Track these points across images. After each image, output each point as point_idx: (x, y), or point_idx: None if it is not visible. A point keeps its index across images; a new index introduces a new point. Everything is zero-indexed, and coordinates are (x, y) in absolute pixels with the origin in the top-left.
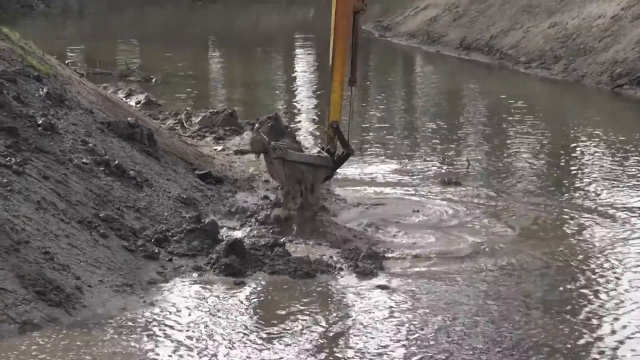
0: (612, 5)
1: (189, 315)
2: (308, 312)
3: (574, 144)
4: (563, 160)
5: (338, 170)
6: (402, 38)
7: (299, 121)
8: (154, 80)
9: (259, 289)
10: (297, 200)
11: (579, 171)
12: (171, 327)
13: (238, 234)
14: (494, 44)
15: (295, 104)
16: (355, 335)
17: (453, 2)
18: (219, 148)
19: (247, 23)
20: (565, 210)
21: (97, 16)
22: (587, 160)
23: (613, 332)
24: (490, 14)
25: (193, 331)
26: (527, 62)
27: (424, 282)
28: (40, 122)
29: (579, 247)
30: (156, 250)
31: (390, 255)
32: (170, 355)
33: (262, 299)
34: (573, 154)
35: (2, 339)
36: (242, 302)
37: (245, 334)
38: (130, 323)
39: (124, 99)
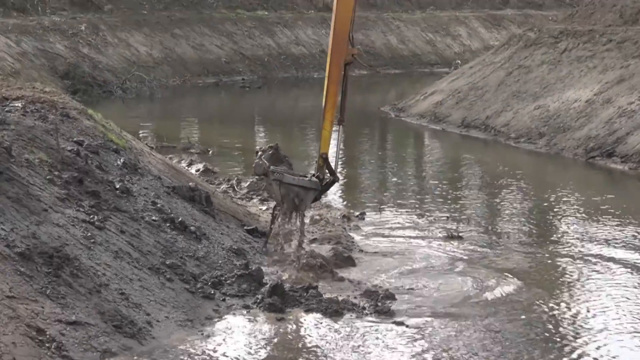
0: (586, 92)
1: (239, 345)
2: (337, 343)
3: (555, 205)
4: (546, 218)
5: (365, 229)
6: (414, 118)
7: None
8: (210, 152)
9: (296, 323)
10: (286, 218)
11: (560, 226)
12: (224, 355)
13: (279, 278)
14: (489, 123)
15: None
16: (378, 353)
17: (455, 88)
18: (264, 208)
19: (286, 105)
20: (549, 257)
21: (164, 100)
22: (565, 218)
23: None
24: (486, 98)
25: (242, 358)
26: (517, 137)
27: (433, 319)
28: (118, 186)
29: (563, 288)
30: (212, 292)
31: (404, 296)
32: None
33: (299, 332)
34: (554, 213)
35: None
36: (283, 335)
37: None
38: (191, 352)
39: (186, 168)
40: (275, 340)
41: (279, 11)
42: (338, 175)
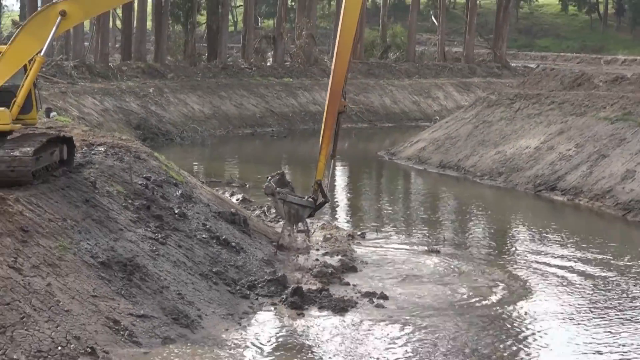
0: (534, 141)
1: (268, 333)
2: (343, 331)
3: (511, 227)
4: (504, 236)
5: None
6: (403, 160)
7: (336, 213)
8: (247, 185)
9: (312, 317)
10: (289, 229)
11: (515, 243)
12: (256, 340)
13: (299, 282)
14: (460, 164)
15: (336, 202)
16: (374, 340)
17: (435, 138)
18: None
19: (305, 150)
20: (508, 267)
21: (213, 146)
22: (518, 237)
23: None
24: (458, 145)
25: (271, 344)
26: (481, 175)
27: (416, 314)
28: (176, 211)
29: (520, 290)
30: (248, 293)
31: (395, 297)
32: (254, 357)
33: (314, 323)
34: (511, 233)
35: (151, 348)
36: (302, 326)
37: (307, 347)
38: (231, 338)
39: (229, 197)
40: (296, 329)
41: (300, 78)
42: (328, 197)
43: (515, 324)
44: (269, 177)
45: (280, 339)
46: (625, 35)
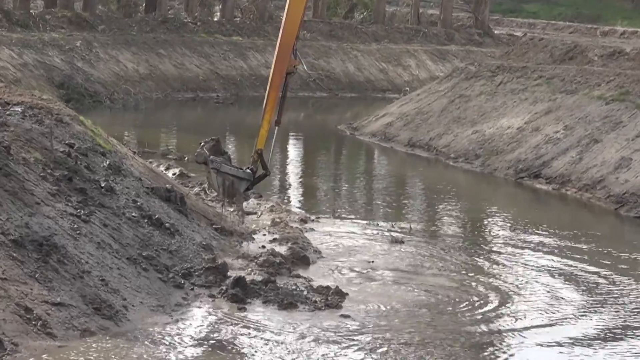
0: (518, 120)
1: (203, 329)
2: (291, 331)
3: (487, 217)
4: (479, 228)
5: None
6: (366, 136)
7: (287, 194)
8: (186, 158)
9: (255, 313)
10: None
11: (490, 235)
12: (189, 338)
13: (242, 272)
14: (432, 144)
15: (288, 182)
16: (324, 343)
17: (404, 112)
18: (231, 209)
19: (255, 120)
20: (480, 262)
21: (148, 111)
22: (495, 230)
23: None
24: (430, 122)
25: (206, 341)
26: (455, 157)
27: (375, 315)
28: (103, 185)
29: (493, 288)
30: (182, 282)
31: (352, 294)
32: (185, 355)
33: (257, 321)
34: (486, 224)
35: (67, 341)
36: (243, 322)
37: (245, 347)
38: (161, 334)
39: (164, 171)
40: (236, 326)
41: (251, 37)
42: (269, 169)
43: (484, 332)
44: (202, 144)
45: (216, 336)
46: (625, 3)
